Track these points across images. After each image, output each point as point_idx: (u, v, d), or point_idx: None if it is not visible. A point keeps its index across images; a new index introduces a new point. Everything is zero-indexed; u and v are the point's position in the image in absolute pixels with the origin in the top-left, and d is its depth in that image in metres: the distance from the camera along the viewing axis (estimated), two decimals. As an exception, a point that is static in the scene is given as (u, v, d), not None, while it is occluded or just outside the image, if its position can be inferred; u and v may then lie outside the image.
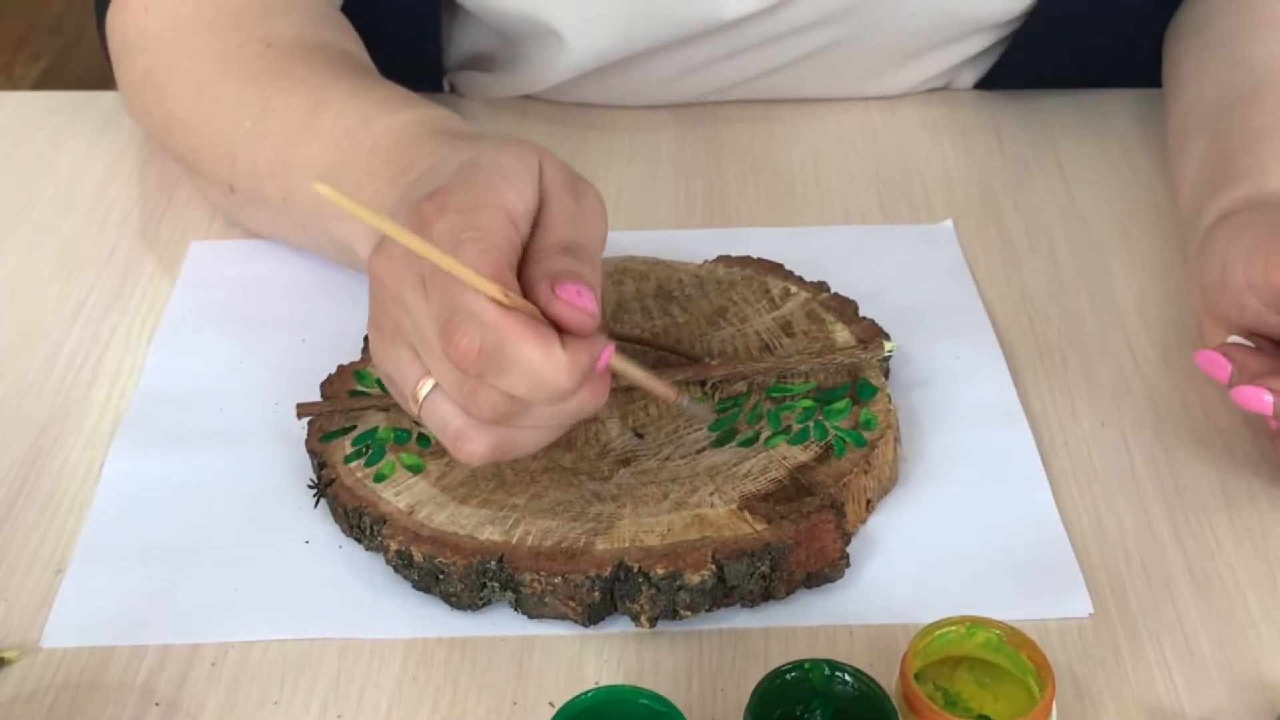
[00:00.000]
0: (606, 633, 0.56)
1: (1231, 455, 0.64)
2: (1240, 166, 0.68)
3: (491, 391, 0.50)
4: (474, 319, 0.49)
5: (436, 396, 0.53)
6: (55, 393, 0.68)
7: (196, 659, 0.55)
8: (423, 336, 0.52)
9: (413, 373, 0.53)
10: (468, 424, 0.52)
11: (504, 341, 0.49)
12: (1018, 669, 0.51)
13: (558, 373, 0.49)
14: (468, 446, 0.52)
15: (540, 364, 0.49)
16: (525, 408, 0.51)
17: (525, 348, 0.49)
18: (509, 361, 0.49)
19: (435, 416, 0.53)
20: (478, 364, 0.49)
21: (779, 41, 0.82)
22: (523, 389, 0.50)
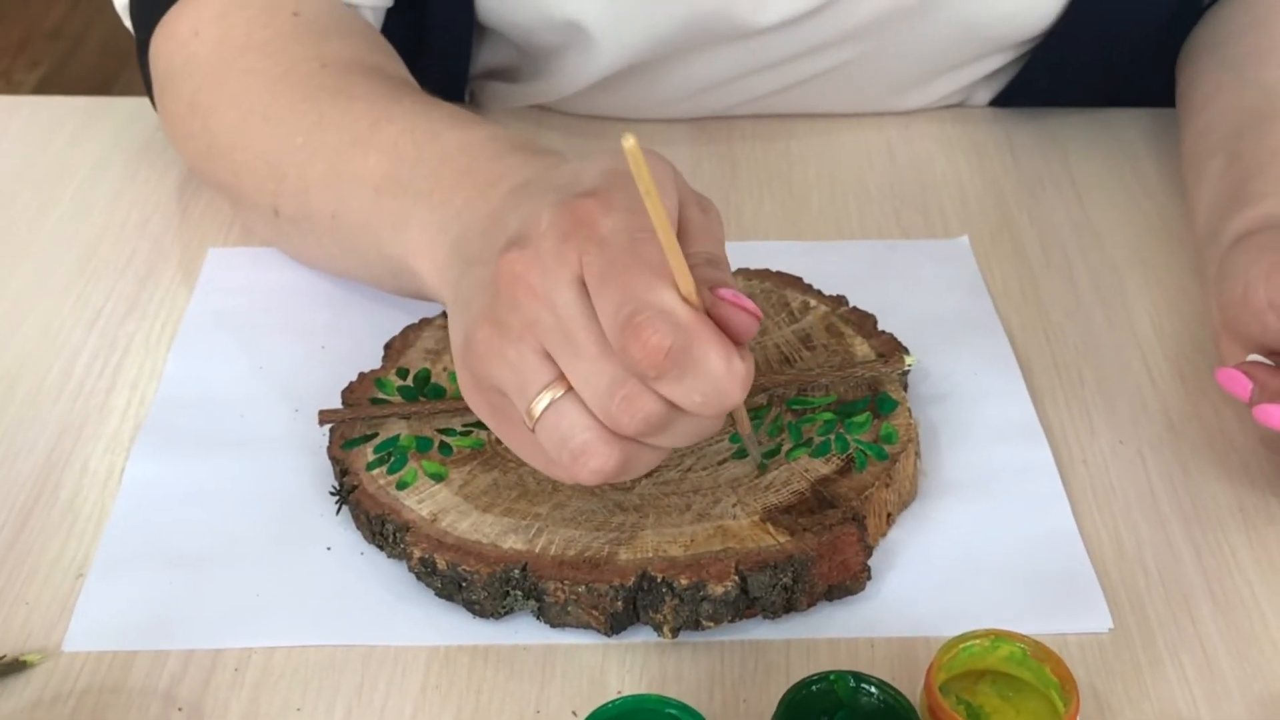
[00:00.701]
0: (628, 642, 0.56)
1: (1248, 473, 0.64)
2: (1259, 186, 0.68)
3: (651, 399, 0.48)
4: (667, 316, 0.47)
5: (566, 405, 0.50)
6: (74, 399, 0.68)
7: (219, 664, 0.55)
8: (570, 337, 0.49)
9: (538, 377, 0.50)
10: (599, 437, 0.50)
11: (694, 344, 0.47)
12: (1041, 683, 0.52)
13: (734, 382, 0.48)
14: (593, 462, 0.50)
15: (723, 372, 0.48)
16: (673, 422, 0.49)
17: (712, 353, 0.48)
18: (694, 365, 0.48)
19: (560, 427, 0.50)
20: (662, 365, 0.47)
21: (802, 56, 0.82)
22: (698, 397, 0.48)
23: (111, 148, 0.85)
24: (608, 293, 0.48)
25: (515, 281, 0.51)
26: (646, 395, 0.49)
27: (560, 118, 0.88)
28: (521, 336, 0.51)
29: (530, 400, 0.51)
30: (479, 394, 0.54)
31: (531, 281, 0.50)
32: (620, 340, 0.48)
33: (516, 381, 0.51)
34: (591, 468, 0.50)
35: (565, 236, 0.50)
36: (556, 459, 0.51)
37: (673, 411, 0.49)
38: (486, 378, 0.52)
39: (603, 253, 0.49)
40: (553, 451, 0.51)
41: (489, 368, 0.52)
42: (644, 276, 0.48)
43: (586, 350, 0.49)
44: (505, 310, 0.51)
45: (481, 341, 0.52)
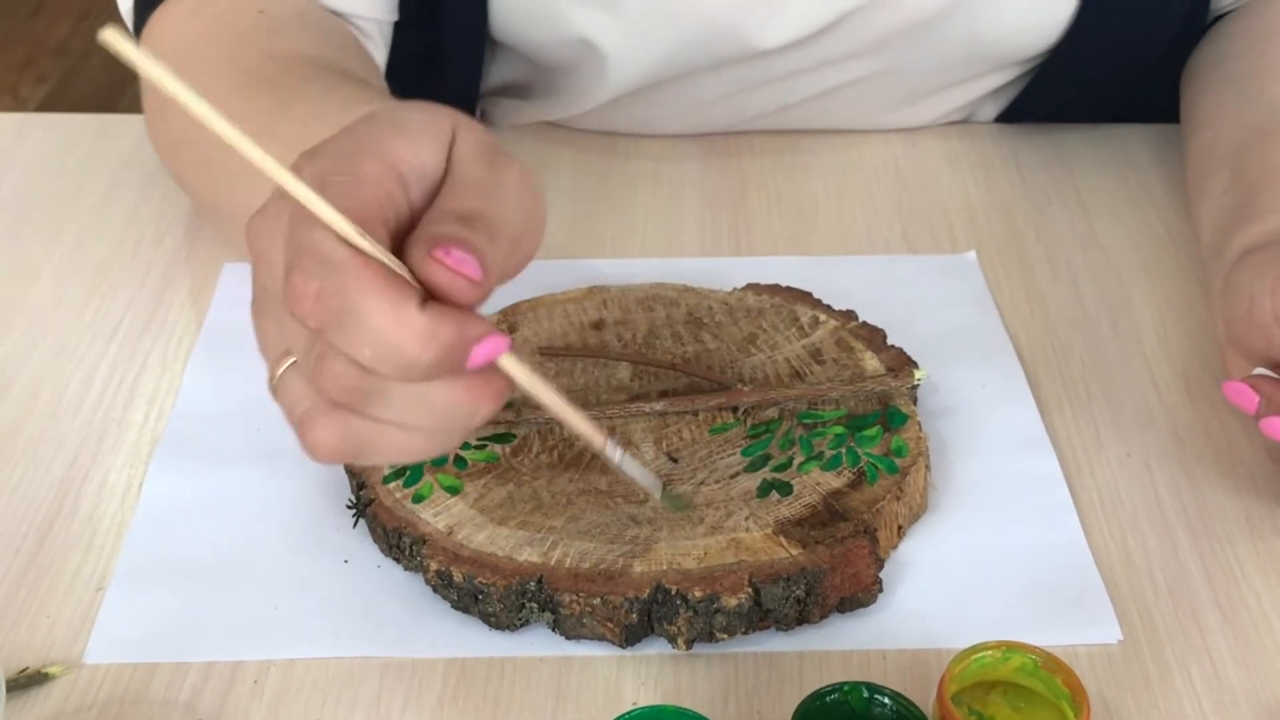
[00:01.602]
0: (643, 654, 0.57)
1: (1255, 485, 0.65)
2: (1264, 202, 0.69)
3: (338, 360, 0.43)
4: (317, 256, 0.42)
5: (290, 373, 0.46)
6: (93, 413, 0.68)
7: (239, 676, 0.56)
8: (277, 302, 0.45)
9: (273, 347, 0.47)
10: (315, 406, 0.45)
11: (346, 286, 0.42)
12: (1052, 694, 0.52)
13: (407, 334, 0.42)
14: (312, 433, 0.45)
15: (386, 319, 0.42)
16: (379, 388, 0.44)
17: (370, 297, 0.42)
18: (350, 312, 0.42)
19: (287, 397, 0.46)
20: (315, 310, 0.42)
21: (811, 73, 0.83)
22: (366, 351, 0.42)
23: (126, 165, 0.86)
24: (285, 246, 0.44)
25: (250, 249, 0.47)
26: (331, 355, 0.43)
27: (571, 134, 0.89)
28: (261, 308, 0.47)
29: (270, 375, 0.47)
30: None
31: (257, 245, 0.47)
32: (285, 288, 0.43)
33: (264, 355, 0.48)
34: (311, 438, 0.45)
35: (283, 193, 0.45)
36: (296, 433, 0.46)
37: (371, 376, 0.43)
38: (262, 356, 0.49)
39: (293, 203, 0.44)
40: (290, 423, 0.47)
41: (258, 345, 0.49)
42: (308, 220, 0.43)
43: (284, 316, 0.45)
44: (254, 283, 0.48)
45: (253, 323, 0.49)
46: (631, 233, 0.81)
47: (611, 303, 0.71)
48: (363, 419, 0.45)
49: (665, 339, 0.69)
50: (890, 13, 0.79)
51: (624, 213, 0.83)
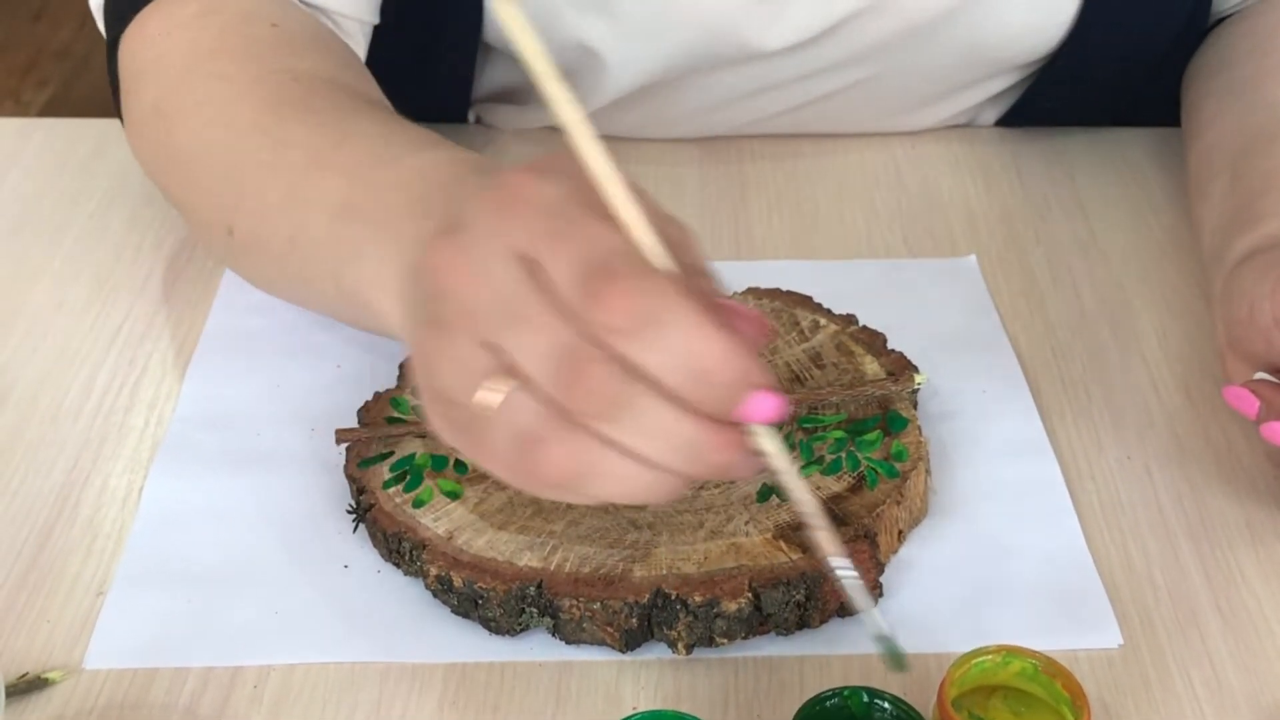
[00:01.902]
0: (643, 659, 0.57)
1: (1255, 490, 0.64)
2: (1264, 206, 0.69)
3: (608, 367, 0.42)
4: (632, 262, 0.42)
5: (516, 396, 0.44)
6: (93, 418, 0.68)
7: (238, 681, 0.56)
8: (512, 311, 0.44)
9: (478, 368, 0.44)
10: (552, 423, 0.43)
11: (667, 292, 0.41)
12: (1052, 698, 0.52)
13: (713, 345, 0.41)
14: (544, 449, 0.43)
15: (696, 330, 0.41)
16: (635, 401, 0.42)
17: (684, 306, 0.41)
18: (665, 318, 0.41)
19: (512, 421, 0.44)
20: (629, 313, 0.41)
21: (811, 78, 0.83)
22: (666, 358, 0.42)
23: (127, 169, 0.86)
24: (563, 249, 0.43)
25: (444, 270, 0.45)
26: (601, 363, 0.42)
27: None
28: (459, 328, 0.45)
29: (469, 395, 0.45)
30: (436, 413, 0.47)
31: (460, 265, 0.45)
32: (588, 287, 0.42)
33: (462, 379, 0.45)
34: (543, 457, 0.43)
35: (496, 212, 0.45)
36: (514, 460, 0.45)
37: (634, 385, 0.42)
38: (437, 390, 0.46)
39: (550, 215, 0.44)
40: (508, 452, 0.45)
41: (435, 375, 0.46)
42: (607, 229, 0.43)
43: (534, 317, 0.43)
44: (438, 305, 0.46)
45: (423, 350, 0.47)
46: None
47: (612, 307, 0.71)
48: (598, 441, 0.43)
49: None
50: (890, 17, 0.79)
51: (624, 217, 0.82)
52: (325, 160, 0.61)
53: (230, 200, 0.65)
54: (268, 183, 0.62)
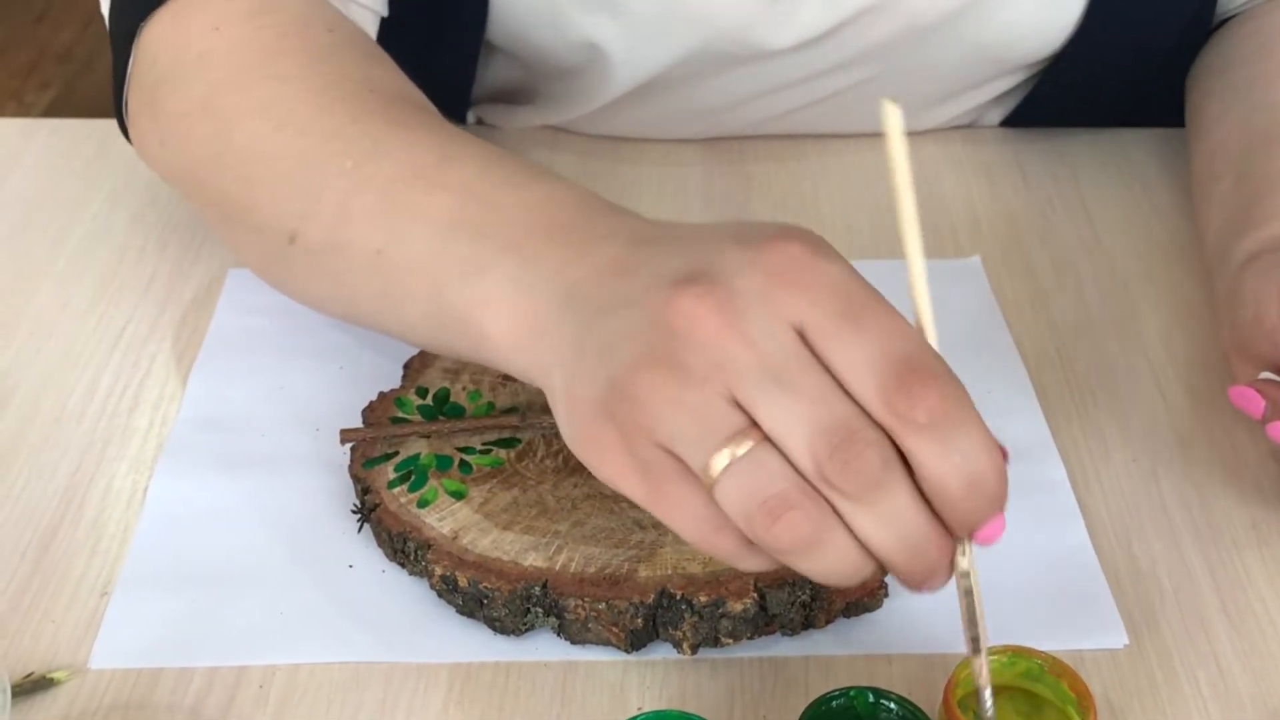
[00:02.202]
0: (648, 659, 0.57)
1: (1260, 491, 0.64)
2: (1268, 207, 0.69)
3: (883, 452, 0.44)
4: (935, 361, 0.45)
5: (761, 454, 0.44)
6: (98, 419, 0.68)
7: (243, 681, 0.56)
8: (781, 378, 0.44)
9: (724, 424, 0.44)
10: (801, 489, 0.44)
11: (964, 398, 0.44)
12: (1058, 699, 0.52)
13: (997, 465, 0.45)
14: (790, 514, 0.44)
15: (984, 435, 0.45)
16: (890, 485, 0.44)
17: (979, 419, 0.45)
18: (962, 426, 0.44)
19: (753, 479, 0.44)
20: (931, 414, 0.44)
21: (816, 78, 0.83)
22: (956, 459, 0.44)
23: (131, 170, 0.86)
24: (860, 333, 0.45)
25: (700, 320, 0.45)
26: (881, 445, 0.44)
27: (574, 139, 0.89)
28: (707, 379, 0.45)
29: (713, 451, 0.45)
30: (626, 451, 0.47)
31: (725, 320, 0.45)
32: (898, 379, 0.44)
33: (695, 429, 0.45)
34: (787, 519, 0.44)
35: (774, 278, 0.45)
36: (743, 516, 0.45)
37: (900, 474, 0.44)
38: (646, 429, 0.46)
39: (841, 297, 0.45)
40: (738, 508, 0.45)
41: (653, 417, 0.45)
42: (900, 321, 0.45)
43: (806, 390, 0.44)
44: (683, 350, 0.45)
45: (646, 388, 0.45)
46: (636, 238, 0.81)
47: (616, 308, 0.71)
48: (837, 525, 0.45)
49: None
50: (897, 17, 0.79)
51: (628, 218, 0.82)
52: (429, 176, 0.58)
53: (300, 207, 0.61)
54: (354, 192, 0.60)
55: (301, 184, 0.61)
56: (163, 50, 0.68)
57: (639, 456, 0.46)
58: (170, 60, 0.67)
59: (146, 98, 0.68)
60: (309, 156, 0.61)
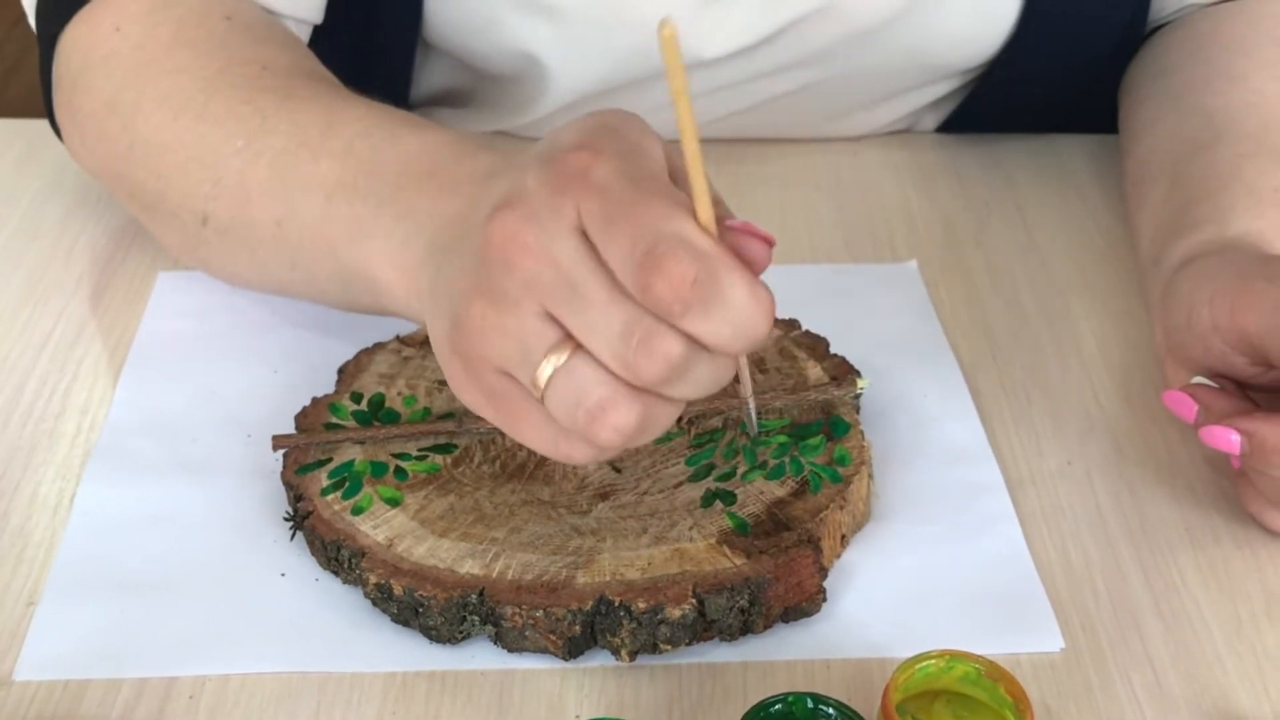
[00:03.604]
0: (586, 666, 0.56)
1: (1194, 494, 0.65)
2: (1200, 213, 0.69)
3: (672, 338, 0.46)
4: (687, 245, 0.45)
5: (577, 364, 0.47)
6: (23, 424, 0.67)
7: (173, 692, 0.55)
8: (576, 287, 0.47)
9: (542, 340, 0.47)
10: (616, 390, 0.47)
11: (719, 272, 0.45)
12: (995, 702, 0.52)
13: (762, 313, 0.46)
14: (613, 418, 0.47)
15: (750, 301, 0.46)
16: (693, 365, 0.46)
17: (739, 281, 0.45)
18: (721, 296, 0.45)
19: (572, 388, 0.47)
20: (689, 296, 0.45)
21: (754, 82, 0.83)
22: (727, 330, 0.45)
23: (60, 171, 0.84)
24: (617, 232, 0.46)
25: (506, 243, 0.48)
26: (667, 334, 0.46)
27: (516, 142, 0.88)
28: (519, 300, 0.48)
29: (536, 367, 0.48)
30: (473, 381, 0.50)
31: (525, 239, 0.47)
32: (640, 277, 0.45)
33: (518, 350, 0.48)
34: (612, 424, 0.47)
35: (557, 189, 0.47)
36: (571, 424, 0.48)
37: (693, 352, 0.46)
38: (483, 357, 0.49)
39: (604, 197, 0.46)
40: (566, 418, 0.48)
41: (485, 345, 0.49)
42: (656, 209, 0.46)
43: (595, 296, 0.46)
44: (498, 276, 0.48)
45: (474, 318, 0.49)
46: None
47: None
48: (657, 399, 0.48)
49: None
50: (833, 23, 0.79)
51: (566, 221, 0.82)
52: (313, 144, 0.62)
53: (206, 189, 0.65)
54: (249, 169, 0.63)
55: (203, 168, 0.65)
56: (75, 53, 0.70)
57: (484, 384, 0.50)
58: (80, 62, 0.70)
59: (64, 99, 0.71)
60: (207, 140, 0.65)
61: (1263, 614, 0.59)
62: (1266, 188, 0.69)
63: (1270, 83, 0.76)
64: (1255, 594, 0.60)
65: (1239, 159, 0.71)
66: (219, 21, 0.69)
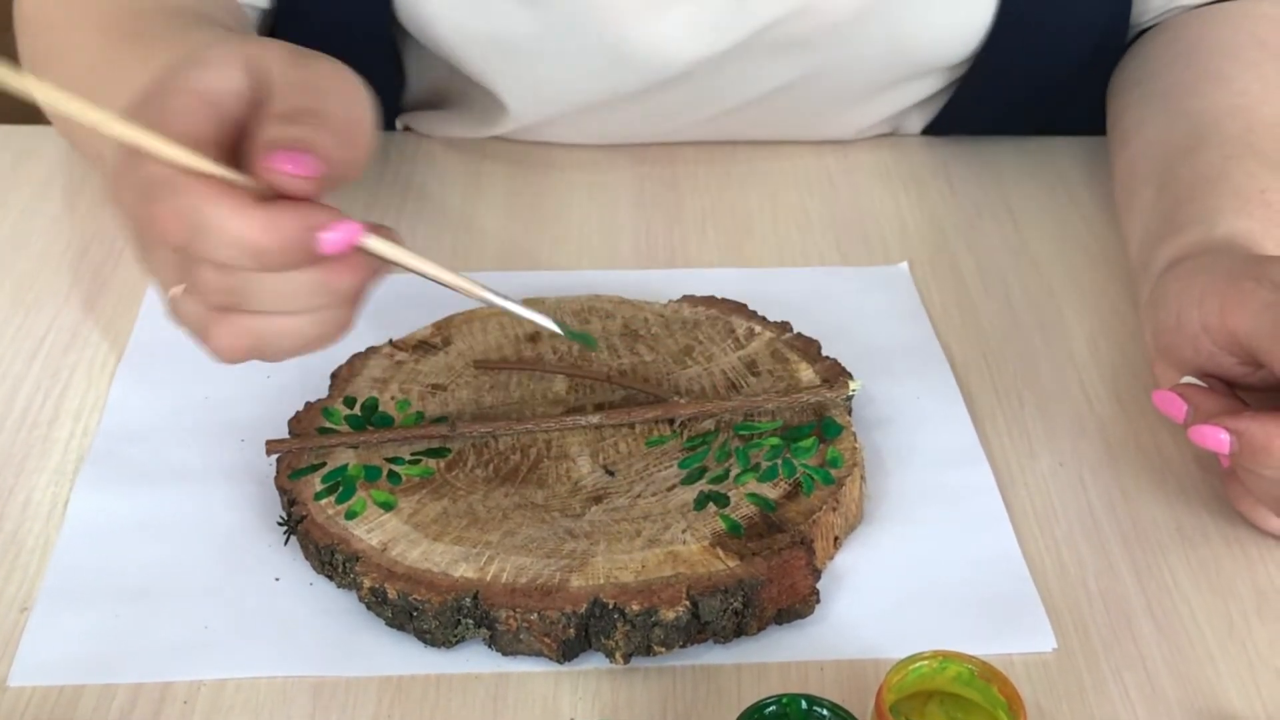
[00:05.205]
0: (580, 669, 0.57)
1: (1184, 494, 0.65)
2: (1187, 214, 0.70)
3: (206, 268, 0.50)
4: (164, 185, 0.49)
5: (181, 297, 0.52)
6: (16, 430, 0.67)
7: (169, 697, 0.55)
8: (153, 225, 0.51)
9: (166, 280, 0.52)
10: (207, 316, 0.51)
11: (195, 203, 0.48)
12: (989, 703, 0.52)
13: (250, 229, 0.48)
14: (213, 340, 0.52)
15: (231, 221, 0.48)
16: (247, 283, 0.50)
17: (211, 205, 0.48)
18: (201, 224, 0.48)
19: (183, 316, 0.52)
20: (175, 231, 0.49)
21: (733, 82, 0.83)
22: (224, 252, 0.49)
23: (49, 177, 0.84)
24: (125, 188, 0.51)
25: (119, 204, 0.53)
26: (200, 266, 0.50)
27: (504, 146, 0.88)
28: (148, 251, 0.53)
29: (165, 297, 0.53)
30: None
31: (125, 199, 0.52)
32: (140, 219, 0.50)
33: (159, 286, 0.54)
34: (215, 345, 0.52)
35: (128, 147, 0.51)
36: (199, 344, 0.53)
37: (234, 272, 0.50)
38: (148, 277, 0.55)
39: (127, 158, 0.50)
40: (194, 339, 0.53)
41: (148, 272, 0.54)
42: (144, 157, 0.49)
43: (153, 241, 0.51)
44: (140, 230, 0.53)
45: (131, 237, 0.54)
46: (566, 245, 0.81)
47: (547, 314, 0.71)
48: (251, 316, 0.51)
49: (601, 351, 0.69)
50: (809, 19, 0.79)
51: (558, 225, 0.82)
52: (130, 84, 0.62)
53: None
54: None
55: None
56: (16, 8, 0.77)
57: None
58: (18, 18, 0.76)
59: None
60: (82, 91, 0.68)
61: (1254, 613, 0.60)
62: (1253, 189, 0.69)
63: (1254, 84, 0.76)
64: (1246, 593, 0.60)
65: (1225, 161, 0.71)
66: None
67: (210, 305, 0.51)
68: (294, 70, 0.52)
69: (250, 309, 0.51)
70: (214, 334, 0.51)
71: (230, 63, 0.52)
